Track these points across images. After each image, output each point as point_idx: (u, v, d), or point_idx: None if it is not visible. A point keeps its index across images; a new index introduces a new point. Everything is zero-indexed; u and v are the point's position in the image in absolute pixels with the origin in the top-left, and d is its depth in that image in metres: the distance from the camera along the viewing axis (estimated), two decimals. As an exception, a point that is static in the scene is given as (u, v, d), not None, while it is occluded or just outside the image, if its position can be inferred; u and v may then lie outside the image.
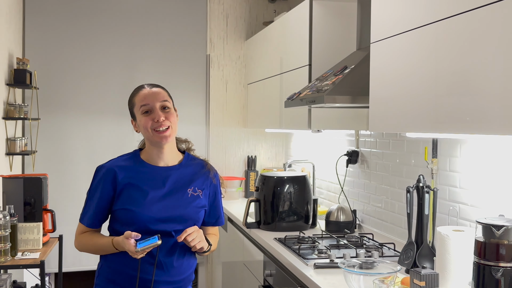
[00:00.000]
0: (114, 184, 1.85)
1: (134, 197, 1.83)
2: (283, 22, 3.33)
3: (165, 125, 1.84)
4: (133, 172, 1.87)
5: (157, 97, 1.86)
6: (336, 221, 2.90)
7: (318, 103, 2.27)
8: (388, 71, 1.98)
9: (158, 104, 1.85)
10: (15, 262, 2.48)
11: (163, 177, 1.88)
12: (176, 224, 1.85)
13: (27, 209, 2.78)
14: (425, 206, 2.08)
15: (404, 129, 1.90)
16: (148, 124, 1.83)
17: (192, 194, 1.90)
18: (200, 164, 1.99)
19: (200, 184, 1.93)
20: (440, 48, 1.64)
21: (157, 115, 1.83)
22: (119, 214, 1.85)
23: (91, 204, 1.89)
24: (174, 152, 1.94)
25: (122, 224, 1.85)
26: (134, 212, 1.82)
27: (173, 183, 1.88)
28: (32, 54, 3.80)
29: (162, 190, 1.86)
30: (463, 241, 1.87)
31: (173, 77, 4.08)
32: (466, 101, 1.51)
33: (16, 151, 3.33)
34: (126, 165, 1.89)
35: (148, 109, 1.84)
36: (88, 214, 1.90)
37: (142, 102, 1.85)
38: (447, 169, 2.24)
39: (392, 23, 1.94)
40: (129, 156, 1.94)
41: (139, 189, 1.84)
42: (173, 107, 1.92)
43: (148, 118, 1.84)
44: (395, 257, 2.35)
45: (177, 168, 1.92)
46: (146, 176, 1.87)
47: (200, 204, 1.92)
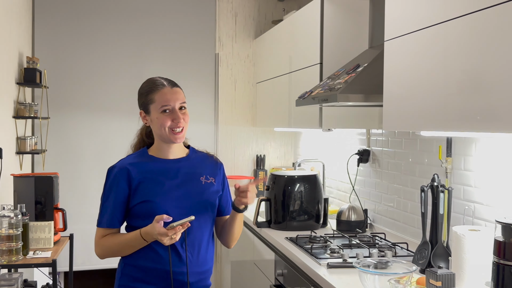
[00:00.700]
0: (129, 181, 1.86)
1: (152, 189, 1.85)
2: (293, 20, 3.32)
3: (182, 126, 1.88)
4: (146, 166, 1.89)
5: (178, 98, 1.89)
6: (347, 221, 2.88)
7: (331, 102, 2.25)
8: (402, 69, 1.96)
9: (178, 105, 1.88)
10: (26, 261, 2.48)
11: (175, 168, 1.91)
12: (197, 211, 1.86)
13: (38, 208, 2.78)
14: (440, 205, 2.07)
15: (419, 128, 1.88)
16: (167, 124, 1.86)
17: (205, 181, 1.93)
18: (205, 155, 2.04)
19: (210, 172, 1.97)
20: (455, 46, 1.62)
21: (177, 117, 1.86)
22: (138, 208, 1.85)
23: (108, 205, 1.88)
24: (181, 146, 1.99)
25: (143, 218, 1.83)
26: (154, 202, 1.83)
27: (185, 173, 1.92)
28: (41, 53, 3.80)
29: (177, 179, 1.89)
30: (480, 241, 1.86)
31: (182, 76, 4.07)
32: (478, 99, 1.49)
33: (26, 150, 3.33)
34: (137, 162, 1.91)
35: (169, 109, 1.87)
36: (106, 216, 1.88)
37: (164, 102, 1.87)
38: (461, 168, 2.22)
39: (406, 21, 1.92)
40: (137, 154, 1.97)
41: (155, 181, 1.86)
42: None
43: (168, 117, 1.86)
44: (408, 256, 2.33)
45: (186, 160, 1.96)
46: (159, 169, 1.89)
47: (215, 190, 1.96)
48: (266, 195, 3.04)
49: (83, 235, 3.88)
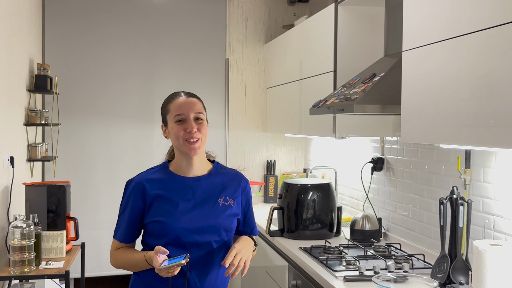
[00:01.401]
0: (143, 198, 1.83)
1: (164, 208, 1.81)
2: (305, 26, 3.28)
3: (196, 137, 1.82)
4: (162, 184, 1.85)
5: (193, 107, 1.84)
6: (361, 230, 2.85)
7: (347, 112, 2.22)
8: (421, 80, 1.92)
9: (192, 114, 1.83)
10: (39, 272, 2.47)
11: (192, 188, 1.86)
12: (210, 235, 1.82)
13: (50, 217, 2.77)
14: (459, 218, 2.03)
15: (439, 141, 1.85)
16: (180, 133, 1.82)
17: (223, 203, 1.87)
18: (231, 173, 1.97)
19: (231, 192, 1.91)
20: (476, 59, 1.58)
21: (190, 126, 1.82)
22: (150, 227, 1.83)
23: (123, 219, 1.87)
24: (203, 162, 1.92)
25: (154, 237, 1.82)
26: (165, 223, 1.79)
27: (202, 193, 1.86)
28: (52, 60, 3.79)
29: (192, 200, 1.84)
30: (501, 256, 1.82)
31: (192, 81, 4.06)
32: (496, 108, 1.46)
33: (37, 157, 3.32)
34: (155, 178, 1.87)
35: (182, 118, 1.83)
36: (120, 229, 1.87)
37: (177, 111, 1.83)
38: (480, 180, 2.18)
39: (425, 32, 1.89)
40: (157, 169, 1.92)
41: (169, 201, 1.82)
42: (205, 119, 1.90)
43: (181, 127, 1.82)
44: (426, 269, 2.29)
45: (206, 178, 1.89)
46: (175, 187, 1.85)
47: (232, 212, 1.89)
48: (278, 204, 3.01)
49: (94, 242, 3.87)
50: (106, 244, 3.93)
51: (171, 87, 4.02)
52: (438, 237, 2.40)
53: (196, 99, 1.89)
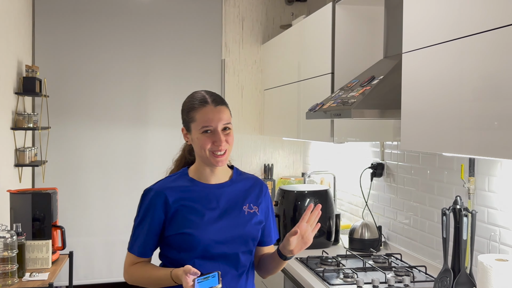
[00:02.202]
0: (165, 208, 1.68)
1: (190, 219, 1.66)
2: (302, 27, 3.17)
3: (224, 149, 1.67)
4: (185, 192, 1.70)
5: (222, 118, 1.68)
6: (360, 239, 2.74)
7: (344, 117, 2.10)
8: (422, 83, 1.81)
9: (221, 126, 1.67)
10: (22, 285, 2.36)
11: (216, 196, 1.72)
12: (238, 245, 1.69)
13: (36, 225, 2.66)
14: (463, 230, 1.91)
15: (441, 149, 1.73)
16: (207, 146, 1.66)
17: (248, 211, 1.74)
18: (251, 178, 1.83)
19: (254, 199, 1.77)
20: (479, 61, 1.47)
21: (219, 139, 1.66)
22: (174, 240, 1.68)
23: (141, 232, 1.71)
24: (224, 168, 1.78)
25: (178, 250, 1.67)
26: (192, 235, 1.64)
27: (227, 201, 1.72)
28: (42, 61, 3.68)
29: (217, 209, 1.70)
30: (508, 272, 1.71)
31: (187, 82, 3.94)
32: (499, 110, 1.34)
33: (25, 162, 3.21)
34: (176, 186, 1.72)
35: (210, 129, 1.67)
36: (137, 243, 1.72)
37: (205, 123, 1.66)
38: (485, 189, 2.06)
39: (426, 33, 1.77)
40: (177, 176, 1.76)
41: (194, 211, 1.68)
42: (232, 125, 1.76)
43: (208, 139, 1.66)
44: (427, 282, 2.18)
45: (229, 185, 1.76)
46: (199, 196, 1.70)
47: (257, 220, 1.75)
48: (275, 211, 2.89)
49: (85, 249, 3.76)
50: (98, 251, 3.83)
51: (165, 89, 3.93)
52: (440, 248, 2.28)
53: (225, 106, 1.72)
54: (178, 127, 4.23)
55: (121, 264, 4.24)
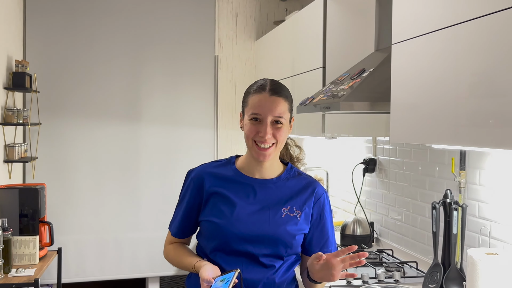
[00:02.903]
0: (201, 192, 1.62)
1: (220, 208, 1.58)
2: (295, 21, 3.14)
3: (269, 143, 1.55)
4: (223, 180, 1.62)
5: (273, 109, 1.55)
6: (352, 235, 2.70)
7: (333, 110, 2.07)
8: (411, 75, 1.78)
9: (270, 118, 1.55)
10: (7, 281, 2.32)
11: (256, 191, 1.60)
12: (264, 247, 1.56)
13: (23, 221, 2.62)
14: (453, 224, 1.88)
15: (430, 141, 1.70)
16: (251, 134, 1.56)
17: (287, 214, 1.58)
18: (305, 179, 1.67)
19: (300, 203, 1.61)
20: (468, 50, 1.44)
21: (264, 130, 1.54)
22: (203, 226, 1.63)
23: (179, 211, 1.69)
24: (275, 164, 1.65)
25: (205, 237, 1.62)
26: (217, 225, 1.56)
27: (265, 198, 1.59)
28: (32, 56, 3.64)
29: (253, 205, 1.58)
30: (498, 266, 1.67)
31: (180, 79, 3.91)
32: (491, 104, 1.31)
33: (14, 158, 3.17)
34: (216, 172, 1.64)
35: (259, 118, 1.56)
36: (175, 222, 1.70)
37: (254, 109, 1.56)
38: (476, 183, 2.03)
39: (416, 22, 1.74)
40: (222, 163, 1.68)
41: (226, 200, 1.59)
42: (288, 121, 1.61)
43: (254, 127, 1.56)
44: (418, 277, 2.15)
45: (274, 182, 1.63)
46: (237, 187, 1.61)
47: (296, 227, 1.58)
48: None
49: (76, 246, 3.73)
50: (89, 249, 3.79)
51: (158, 85, 3.89)
52: (431, 243, 2.25)
53: (282, 98, 1.58)
54: (171, 124, 4.18)
55: (112, 262, 4.21)
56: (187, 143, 3.93)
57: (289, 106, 1.62)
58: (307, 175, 1.69)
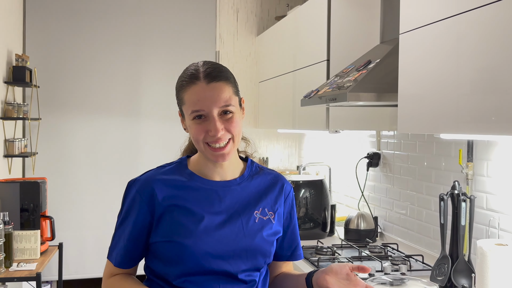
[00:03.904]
0: (151, 206, 1.31)
1: (183, 224, 1.29)
2: (297, 15, 3.12)
3: (224, 140, 1.28)
4: (179, 189, 1.33)
5: (216, 100, 1.27)
6: (356, 229, 2.68)
7: (340, 101, 2.05)
8: (419, 65, 1.76)
9: (216, 110, 1.27)
10: (9, 274, 2.29)
11: (220, 196, 1.34)
12: (242, 262, 1.31)
13: (24, 215, 2.60)
14: (461, 216, 1.86)
15: (439, 130, 1.68)
16: (200, 136, 1.29)
17: (260, 218, 1.35)
18: (270, 175, 1.44)
19: (271, 203, 1.38)
20: (479, 37, 1.42)
21: (214, 128, 1.27)
22: (160, 248, 1.31)
23: (121, 235, 1.34)
24: (234, 161, 1.38)
25: (165, 262, 1.31)
26: (183, 245, 1.27)
27: (234, 204, 1.34)
28: (32, 51, 3.61)
29: (220, 214, 1.32)
30: (508, 257, 1.66)
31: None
32: (494, 99, 1.29)
33: (14, 153, 3.14)
34: (169, 179, 1.34)
35: (203, 115, 1.28)
36: (117, 249, 1.34)
37: (194, 105, 1.28)
38: (484, 174, 2.02)
39: (424, 11, 1.72)
40: (172, 167, 1.39)
41: (189, 213, 1.30)
42: (238, 106, 1.33)
43: (200, 127, 1.28)
44: (424, 271, 2.13)
45: (238, 182, 1.37)
46: (198, 195, 1.33)
47: (272, 231, 1.36)
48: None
49: (75, 242, 3.70)
50: (90, 245, 3.76)
51: (158, 80, 3.86)
52: (438, 237, 2.24)
53: (223, 82, 1.29)
54: (171, 119, 4.15)
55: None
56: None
57: (234, 88, 1.32)
58: (270, 170, 1.47)
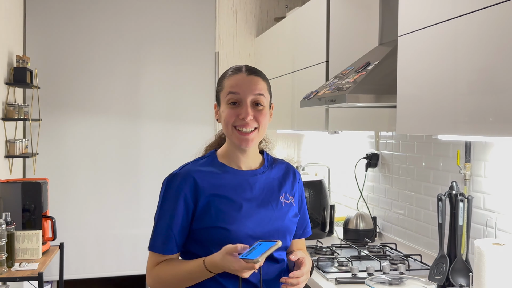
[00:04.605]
0: (195, 196, 1.44)
1: (226, 211, 1.43)
2: (296, 17, 3.14)
3: (251, 126, 1.45)
4: (217, 179, 1.47)
5: (252, 87, 1.46)
6: (355, 229, 2.71)
7: (339, 103, 2.07)
8: (417, 67, 1.78)
9: (250, 97, 1.45)
10: (11, 274, 2.31)
11: (250, 184, 1.50)
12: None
13: (26, 216, 2.61)
14: (459, 216, 1.89)
15: (437, 131, 1.70)
16: (231, 119, 1.44)
17: (285, 202, 1.53)
18: (282, 163, 1.62)
19: (289, 188, 1.57)
20: (478, 40, 1.44)
21: (245, 112, 1.43)
22: (204, 234, 1.44)
23: (164, 226, 1.45)
24: (257, 153, 1.56)
25: (209, 246, 1.43)
26: (228, 230, 1.41)
27: (262, 191, 1.51)
28: (33, 52, 3.63)
29: (253, 200, 1.48)
30: (505, 256, 1.68)
31: (180, 75, 3.91)
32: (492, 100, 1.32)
33: (15, 154, 3.16)
34: (206, 171, 1.48)
35: (237, 99, 1.45)
36: (161, 238, 1.45)
37: (232, 88, 1.45)
38: (481, 175, 2.04)
39: (423, 13, 1.75)
40: (205, 160, 1.52)
41: (229, 201, 1.45)
42: (268, 105, 1.53)
43: (233, 111, 1.45)
44: (422, 270, 2.16)
45: (262, 172, 1.53)
46: (232, 184, 1.48)
47: (294, 212, 1.55)
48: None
49: (76, 243, 3.72)
50: (90, 245, 3.78)
51: (158, 82, 3.89)
52: (436, 237, 2.26)
53: (260, 78, 1.51)
54: (171, 120, 4.17)
55: (113, 258, 4.19)
56: (187, 140, 3.92)
57: (268, 87, 1.54)
58: (280, 159, 1.64)
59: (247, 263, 1.30)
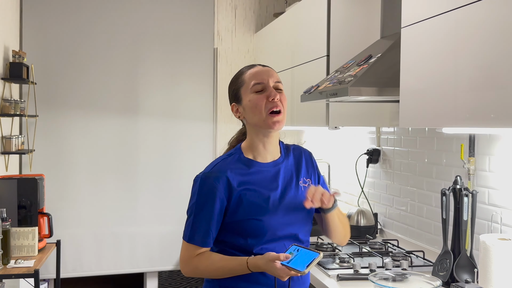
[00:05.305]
0: (229, 192, 1.56)
1: (257, 204, 1.57)
2: (296, 11, 3.10)
3: (279, 106, 1.58)
4: (245, 175, 1.60)
5: (271, 74, 1.62)
6: (356, 226, 2.67)
7: (341, 96, 2.03)
8: (421, 59, 1.75)
9: (272, 81, 1.60)
10: (7, 271, 2.27)
11: (273, 175, 1.63)
12: (301, 225, 1.62)
13: (22, 212, 2.57)
14: (463, 211, 1.86)
15: (442, 124, 1.67)
16: (262, 103, 1.57)
17: (304, 186, 1.65)
18: (295, 149, 1.75)
19: (305, 172, 1.69)
20: (483, 31, 1.41)
21: (273, 93, 1.57)
22: (239, 226, 1.57)
23: (202, 220, 1.57)
24: (277, 142, 1.69)
25: (244, 236, 1.57)
26: (261, 221, 1.55)
27: (283, 179, 1.64)
28: (29, 47, 3.58)
29: (278, 189, 1.61)
30: (511, 251, 1.65)
31: (179, 71, 3.86)
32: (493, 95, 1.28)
33: (11, 150, 3.11)
34: (235, 168, 1.60)
35: (262, 87, 1.59)
36: (200, 232, 1.58)
37: (255, 78, 1.59)
38: (486, 169, 2.01)
39: (426, 4, 1.71)
40: (232, 157, 1.64)
41: (258, 194, 1.58)
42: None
43: (261, 96, 1.58)
44: (426, 266, 2.12)
45: (282, 161, 1.67)
46: (260, 177, 1.61)
47: None
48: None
49: (73, 240, 3.67)
50: (88, 243, 3.73)
51: (156, 78, 3.84)
52: (439, 233, 2.22)
53: (274, 70, 1.68)
54: (169, 117, 4.12)
55: (110, 256, 4.14)
56: (186, 137, 3.88)
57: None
58: (291, 145, 1.76)
59: (290, 271, 1.40)
